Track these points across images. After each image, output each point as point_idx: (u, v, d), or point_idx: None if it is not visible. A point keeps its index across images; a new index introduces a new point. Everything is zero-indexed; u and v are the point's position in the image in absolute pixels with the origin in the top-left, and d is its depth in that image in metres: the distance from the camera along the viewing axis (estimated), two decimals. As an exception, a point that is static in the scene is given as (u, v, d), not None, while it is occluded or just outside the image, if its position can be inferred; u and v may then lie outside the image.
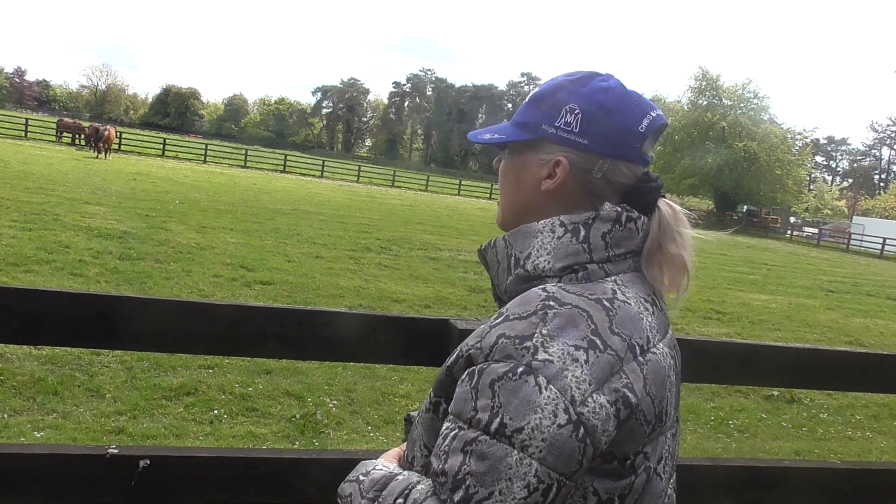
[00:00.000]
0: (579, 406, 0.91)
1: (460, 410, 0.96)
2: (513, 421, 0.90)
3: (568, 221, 1.07)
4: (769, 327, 10.88)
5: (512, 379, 0.92)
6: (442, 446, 0.96)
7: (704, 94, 59.67)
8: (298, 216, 17.54)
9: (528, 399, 0.91)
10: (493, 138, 1.15)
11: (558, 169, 1.09)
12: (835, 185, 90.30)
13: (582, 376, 0.93)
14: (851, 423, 6.54)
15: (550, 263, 1.05)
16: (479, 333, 1.02)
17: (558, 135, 1.09)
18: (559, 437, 0.90)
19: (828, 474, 2.11)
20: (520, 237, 1.10)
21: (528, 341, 0.95)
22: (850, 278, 21.80)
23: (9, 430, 4.13)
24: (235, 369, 5.54)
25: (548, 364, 0.92)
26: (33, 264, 8.10)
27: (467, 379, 0.98)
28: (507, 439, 0.90)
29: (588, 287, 1.03)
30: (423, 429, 1.11)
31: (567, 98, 1.09)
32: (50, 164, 22.93)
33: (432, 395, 1.09)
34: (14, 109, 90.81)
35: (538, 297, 1.00)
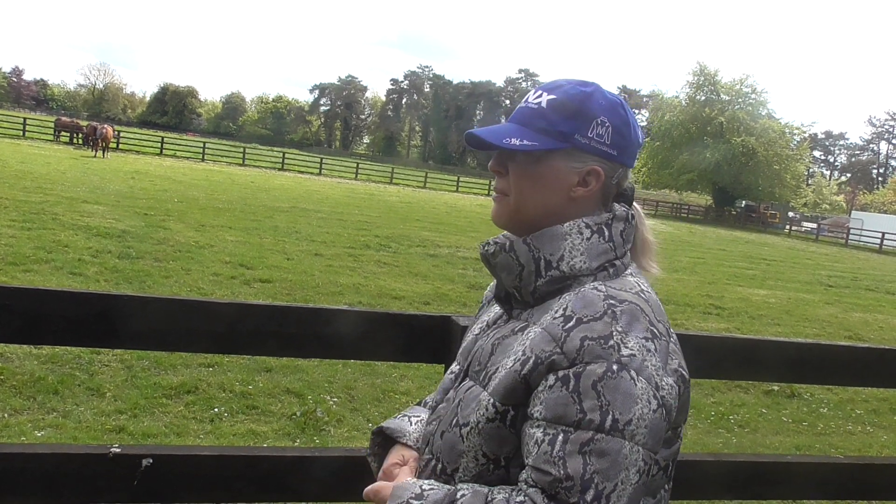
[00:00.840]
0: (660, 391, 1.03)
1: (562, 415, 1.01)
2: (622, 415, 0.99)
3: (592, 223, 1.17)
4: (769, 322, 10.88)
5: (612, 377, 1.00)
6: (552, 453, 0.99)
7: (702, 90, 59.66)
8: (297, 214, 17.53)
9: (628, 393, 1.00)
10: (524, 145, 1.15)
11: (591, 177, 1.18)
12: (833, 180, 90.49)
13: (656, 363, 1.04)
14: (852, 417, 6.55)
15: (587, 263, 1.14)
16: (550, 339, 1.06)
17: (591, 145, 1.17)
18: (654, 421, 1.02)
19: (830, 469, 2.11)
20: (546, 240, 1.16)
21: (610, 340, 1.03)
22: (849, 273, 21.83)
23: (9, 429, 4.13)
24: (235, 367, 5.54)
25: (633, 358, 1.02)
26: (32, 263, 8.09)
27: (559, 384, 1.02)
28: (620, 433, 0.99)
29: (620, 282, 1.14)
30: (482, 438, 1.10)
31: (597, 110, 1.17)
32: (48, 164, 22.90)
33: (498, 404, 1.09)
34: (12, 109, 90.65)
35: (599, 298, 1.09)
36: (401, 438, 1.31)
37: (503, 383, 1.08)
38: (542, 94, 1.19)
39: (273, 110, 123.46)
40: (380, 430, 1.35)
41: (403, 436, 1.31)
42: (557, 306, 1.11)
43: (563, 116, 1.16)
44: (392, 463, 1.26)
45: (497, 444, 1.09)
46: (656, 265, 1.27)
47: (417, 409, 1.40)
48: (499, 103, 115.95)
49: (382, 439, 1.35)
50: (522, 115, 1.20)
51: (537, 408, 1.03)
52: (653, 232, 1.29)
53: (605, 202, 1.21)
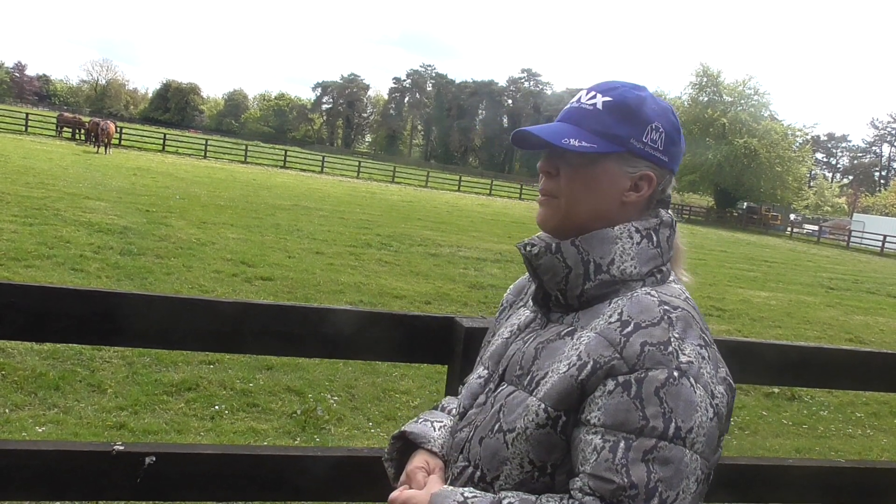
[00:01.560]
0: (714, 399, 1.02)
1: (623, 421, 0.99)
2: (684, 423, 0.98)
3: (642, 228, 1.16)
4: (769, 324, 10.88)
5: (673, 384, 0.99)
6: (614, 460, 0.97)
7: (705, 91, 59.67)
8: (299, 212, 17.53)
9: (689, 400, 0.99)
10: (583, 146, 1.13)
11: (643, 182, 1.17)
12: (835, 182, 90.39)
13: (710, 371, 1.04)
14: (852, 420, 6.55)
15: (637, 268, 1.13)
16: (607, 344, 1.04)
17: (645, 150, 1.16)
18: (711, 430, 1.00)
19: (831, 473, 2.11)
20: (596, 243, 1.14)
21: (669, 346, 1.02)
22: (850, 275, 21.82)
23: (10, 424, 4.13)
24: (236, 365, 5.55)
25: (690, 365, 1.01)
26: (34, 259, 8.09)
27: (620, 390, 1.00)
28: (682, 441, 0.97)
29: (668, 288, 1.14)
30: (530, 445, 1.07)
31: (652, 116, 1.16)
32: (50, 159, 22.91)
33: (550, 409, 1.06)
34: (14, 104, 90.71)
35: (654, 304, 1.08)
36: (425, 444, 1.27)
37: (556, 388, 1.06)
38: (597, 95, 1.17)
39: (275, 108, 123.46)
40: (401, 435, 1.31)
41: (428, 441, 1.27)
42: (610, 311, 1.09)
43: (620, 119, 1.15)
44: (417, 467, 1.22)
45: (546, 451, 1.07)
46: (687, 273, 1.27)
47: (439, 415, 1.36)
48: (501, 103, 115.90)
49: (403, 444, 1.31)
50: (576, 115, 1.18)
51: (594, 413, 1.01)
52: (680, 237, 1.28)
53: (649, 207, 1.20)
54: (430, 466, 1.22)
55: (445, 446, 1.26)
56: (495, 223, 22.82)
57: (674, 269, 1.22)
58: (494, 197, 46.21)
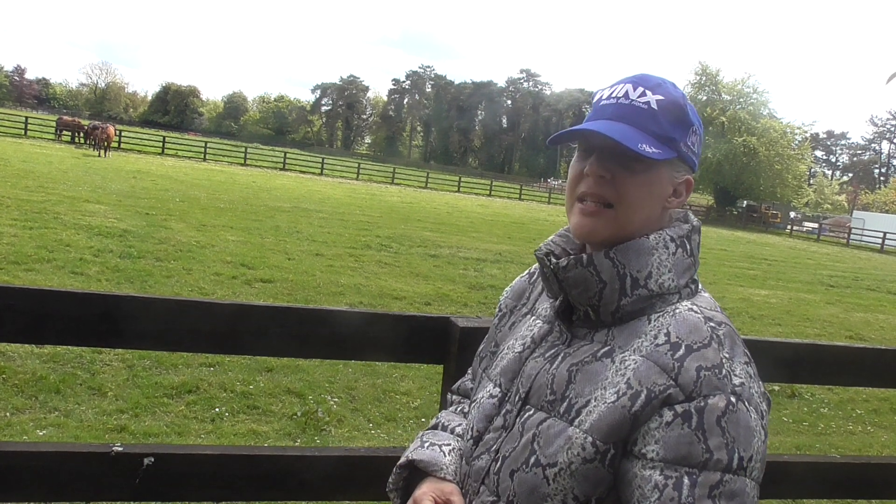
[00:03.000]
0: (763, 419, 0.99)
1: (686, 455, 0.92)
2: (745, 452, 0.93)
3: (676, 236, 1.09)
4: (769, 322, 10.89)
5: (733, 411, 0.94)
6: (680, 499, 0.91)
7: (704, 90, 59.71)
8: (298, 214, 17.54)
9: (748, 426, 0.94)
10: (655, 153, 1.04)
11: (683, 187, 1.12)
12: (835, 180, 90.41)
13: (758, 389, 1.00)
14: (852, 417, 6.55)
15: (675, 281, 1.06)
16: (660, 370, 0.97)
17: (688, 154, 1.11)
18: (763, 452, 0.97)
19: (827, 468, 2.12)
20: (632, 255, 1.05)
21: (722, 369, 0.96)
22: (850, 273, 21.83)
23: (11, 428, 4.14)
24: (236, 367, 5.56)
25: (743, 387, 0.97)
26: (34, 263, 8.11)
27: (679, 421, 0.93)
28: (744, 471, 0.93)
29: (703, 300, 1.08)
30: (576, 480, 0.98)
31: (692, 118, 1.11)
32: (50, 163, 22.92)
33: (599, 443, 0.98)
34: (14, 108, 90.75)
35: (701, 321, 1.02)
36: (437, 472, 1.16)
37: (606, 420, 0.97)
38: (646, 91, 1.07)
39: (275, 110, 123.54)
40: (408, 464, 1.20)
41: (440, 469, 1.16)
42: (653, 330, 1.02)
43: (674, 122, 1.08)
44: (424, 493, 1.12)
45: (591, 486, 0.99)
46: None
47: (443, 436, 1.25)
48: (500, 103, 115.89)
49: (409, 473, 1.20)
50: (631, 114, 1.07)
51: (651, 447, 0.94)
52: None
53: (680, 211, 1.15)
54: (443, 494, 1.13)
55: (458, 473, 1.16)
56: (495, 224, 22.81)
57: None
58: (494, 197, 46.20)
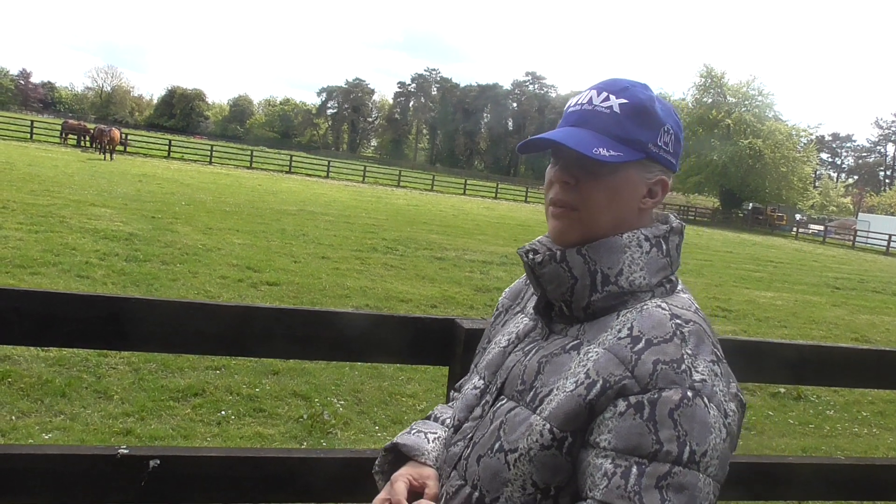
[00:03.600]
0: (727, 418, 0.98)
1: (636, 445, 0.94)
2: (699, 446, 0.93)
3: (651, 236, 1.11)
4: (775, 324, 10.86)
5: (688, 405, 0.94)
6: (626, 487, 0.92)
7: (709, 92, 59.63)
8: (304, 217, 17.56)
9: (704, 421, 0.94)
10: (613, 156, 1.06)
11: (658, 187, 1.13)
12: (840, 182, 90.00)
13: (723, 388, 0.99)
14: (858, 419, 6.53)
15: (646, 279, 1.08)
16: (618, 362, 0.99)
17: (660, 155, 1.11)
18: (724, 451, 0.96)
19: (832, 469, 2.11)
20: (604, 252, 1.08)
21: (682, 364, 0.97)
22: (855, 275, 21.75)
23: (17, 431, 4.15)
24: (242, 370, 5.56)
25: (704, 384, 0.97)
26: (40, 266, 8.13)
27: (632, 412, 0.95)
28: (696, 465, 0.93)
29: (678, 299, 1.08)
30: (534, 466, 1.02)
31: (664, 117, 1.11)
32: (55, 167, 23.00)
33: (556, 430, 1.00)
34: (19, 111, 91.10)
35: (666, 318, 1.02)
36: (419, 457, 1.21)
37: (563, 408, 1.00)
38: (610, 96, 1.10)
39: (280, 113, 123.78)
40: (393, 447, 1.26)
41: (421, 454, 1.21)
42: (619, 325, 1.04)
43: (639, 123, 1.09)
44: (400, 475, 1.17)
45: (550, 473, 1.01)
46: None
47: (432, 425, 1.31)
48: (506, 106, 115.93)
49: (394, 457, 1.26)
50: (593, 119, 1.10)
51: (605, 436, 0.96)
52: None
53: (657, 211, 1.17)
54: (422, 475, 1.18)
55: (439, 459, 1.21)
56: (501, 226, 22.82)
57: None
58: (500, 200, 46.20)
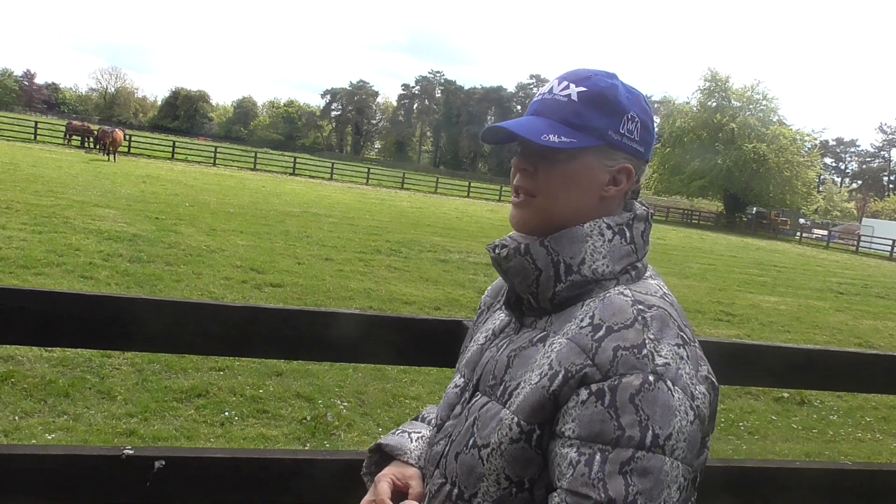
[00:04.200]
0: (695, 400, 0.97)
1: (598, 432, 0.94)
2: (662, 430, 0.93)
3: (613, 224, 1.11)
4: (779, 329, 10.83)
5: (649, 389, 0.94)
6: (590, 474, 0.93)
7: (714, 96, 59.57)
8: (308, 218, 17.57)
9: (667, 405, 0.94)
10: (563, 142, 1.07)
11: (622, 176, 1.12)
12: (844, 187, 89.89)
13: (689, 371, 0.98)
14: (861, 424, 6.51)
15: (609, 267, 1.08)
16: (579, 350, 0.99)
17: (623, 142, 1.11)
18: (692, 433, 0.96)
19: (837, 475, 2.10)
20: (565, 242, 1.08)
21: (643, 349, 0.97)
22: (859, 280, 21.68)
23: (20, 432, 4.15)
24: (246, 371, 5.56)
25: (667, 367, 0.96)
26: (43, 267, 8.14)
27: (594, 400, 0.95)
28: (660, 449, 0.93)
29: (643, 286, 1.08)
30: (505, 460, 1.02)
31: (627, 105, 1.11)
32: (59, 167, 23.05)
33: (523, 423, 1.01)
34: (23, 112, 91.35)
35: (627, 304, 1.02)
36: (401, 456, 1.23)
37: (529, 401, 1.01)
38: (570, 85, 1.11)
39: (284, 115, 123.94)
40: (378, 448, 1.28)
41: (404, 453, 1.23)
42: (582, 314, 1.04)
43: (596, 111, 1.09)
44: (383, 475, 1.19)
45: (522, 466, 1.02)
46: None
47: (417, 425, 1.33)
48: (510, 108, 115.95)
49: (380, 457, 1.28)
50: (550, 108, 1.11)
51: (569, 425, 0.97)
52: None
53: (625, 199, 1.15)
54: (405, 475, 1.19)
55: (422, 458, 1.22)
56: (505, 229, 22.65)
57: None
58: (504, 203, 46.15)
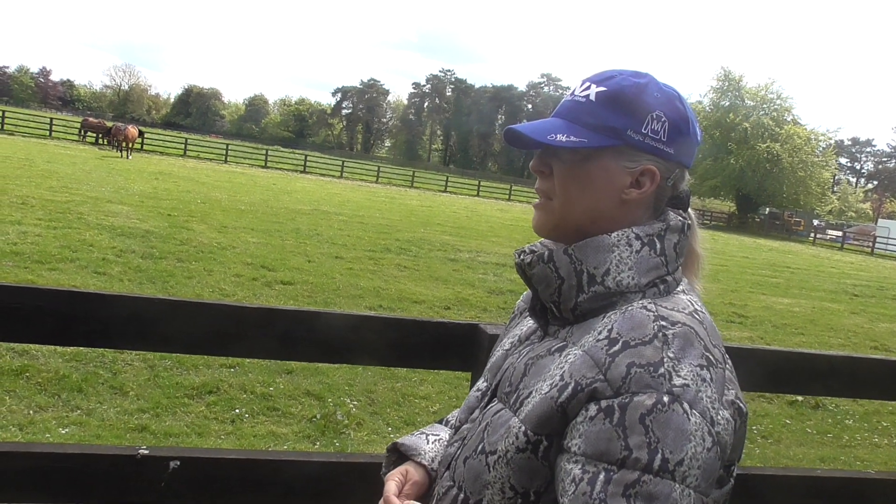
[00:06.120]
0: (715, 426, 0.91)
1: (604, 451, 0.90)
2: (673, 454, 0.88)
3: (643, 234, 1.05)
4: (792, 332, 10.75)
5: (662, 410, 0.89)
6: (592, 494, 0.88)
7: (727, 95, 59.20)
8: (318, 216, 17.60)
9: (681, 429, 0.88)
10: (571, 141, 1.03)
11: (645, 178, 1.06)
12: (859, 188, 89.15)
13: (712, 395, 0.92)
14: (878, 429, 6.45)
15: (635, 279, 1.03)
16: (592, 364, 0.95)
17: (645, 142, 1.05)
18: (709, 461, 0.90)
19: (859, 483, 2.07)
20: (591, 251, 1.04)
21: (660, 367, 0.91)
22: (875, 282, 21.50)
23: (34, 426, 4.18)
24: (256, 368, 5.57)
25: (686, 389, 0.90)
26: (58, 262, 8.19)
27: (602, 416, 0.91)
28: (670, 475, 0.87)
29: (671, 301, 1.02)
30: (511, 469, 0.99)
31: (653, 104, 1.05)
32: (74, 164, 23.19)
33: (530, 433, 0.98)
34: (39, 109, 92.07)
35: (649, 319, 0.97)
36: (415, 457, 1.22)
37: (537, 410, 0.98)
38: (591, 85, 1.08)
39: (295, 113, 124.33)
40: (394, 447, 1.27)
41: (418, 454, 1.22)
42: (601, 326, 1.00)
43: (614, 110, 1.05)
44: (392, 474, 1.19)
45: (527, 477, 0.99)
46: (700, 282, 1.15)
47: (438, 428, 1.32)
48: (521, 108, 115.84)
49: (397, 457, 1.27)
50: (568, 108, 1.08)
51: (575, 441, 0.93)
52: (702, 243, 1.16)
53: (658, 206, 1.09)
54: (408, 476, 1.18)
55: (437, 460, 1.21)
56: (514, 228, 22.77)
57: (686, 277, 1.11)
58: (513, 202, 46.11)
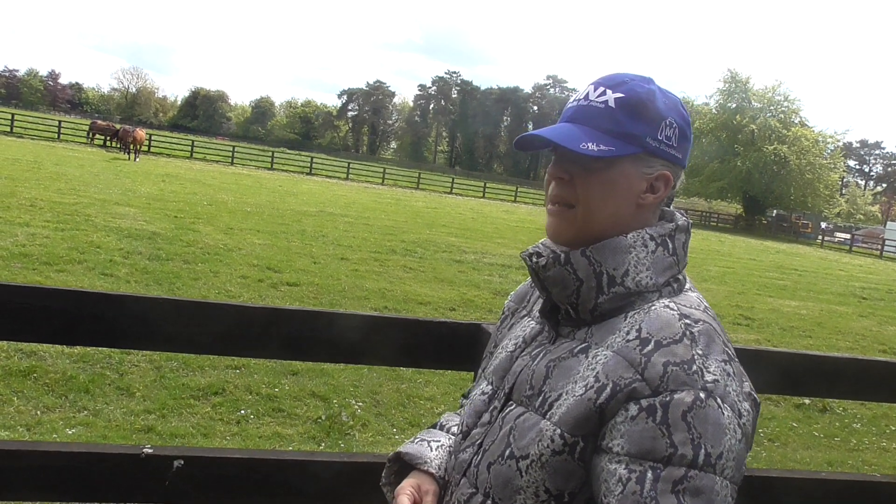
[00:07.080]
0: (741, 418, 0.96)
1: (649, 449, 0.92)
2: (714, 448, 0.91)
3: (657, 235, 1.09)
4: (800, 334, 10.71)
5: (701, 407, 0.92)
6: (642, 492, 0.90)
7: (733, 97, 59.02)
8: (324, 218, 17.62)
9: (718, 423, 0.92)
10: (602, 150, 1.05)
11: (660, 183, 1.10)
12: (868, 190, 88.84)
13: (736, 388, 0.97)
14: (886, 433, 6.41)
15: (653, 279, 1.06)
16: (627, 364, 0.97)
17: (661, 148, 1.09)
18: (741, 452, 0.95)
19: (866, 487, 2.06)
20: (608, 253, 1.06)
21: (693, 365, 0.95)
22: (883, 285, 21.39)
23: (41, 426, 4.20)
24: (262, 370, 5.58)
25: (717, 384, 0.95)
26: (65, 264, 8.22)
27: (644, 415, 0.93)
28: (712, 468, 0.91)
29: (686, 298, 1.06)
30: (546, 472, 1.00)
31: (665, 111, 1.09)
32: (81, 166, 23.29)
33: (567, 435, 0.99)
34: (48, 112, 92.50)
35: (675, 318, 1.01)
36: (421, 465, 1.21)
37: (573, 413, 0.99)
38: (606, 91, 1.09)
39: (301, 115, 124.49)
40: (397, 457, 1.25)
41: (424, 462, 1.21)
42: (626, 326, 1.02)
43: (633, 117, 1.07)
44: (404, 486, 1.17)
45: (563, 479, 1.00)
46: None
47: (435, 433, 1.31)
48: (527, 109, 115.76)
49: (400, 467, 1.25)
50: (587, 114, 1.09)
51: (617, 441, 0.95)
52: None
53: (662, 208, 1.14)
54: (421, 490, 1.17)
55: (443, 467, 1.20)
56: (520, 230, 22.75)
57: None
58: (519, 203, 46.08)
